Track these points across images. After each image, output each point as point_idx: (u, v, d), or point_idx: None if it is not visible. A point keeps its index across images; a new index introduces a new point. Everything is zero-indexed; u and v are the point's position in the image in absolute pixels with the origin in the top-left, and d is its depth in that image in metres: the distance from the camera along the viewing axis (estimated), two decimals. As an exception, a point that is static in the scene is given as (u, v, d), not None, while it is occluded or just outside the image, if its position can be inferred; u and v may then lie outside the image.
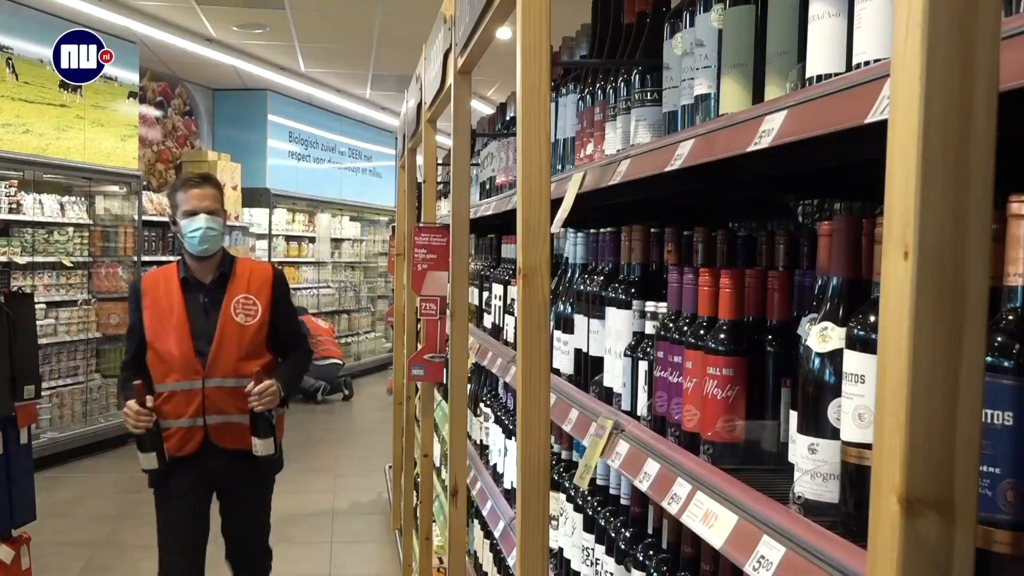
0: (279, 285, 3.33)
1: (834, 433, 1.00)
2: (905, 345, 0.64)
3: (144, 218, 8.33)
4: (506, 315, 2.86)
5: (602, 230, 1.89)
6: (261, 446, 3.16)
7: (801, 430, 1.05)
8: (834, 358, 1.01)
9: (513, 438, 2.43)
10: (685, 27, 1.49)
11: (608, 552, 1.79)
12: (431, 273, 3.29)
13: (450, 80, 2.63)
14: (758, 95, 1.26)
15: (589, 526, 1.91)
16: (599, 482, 1.89)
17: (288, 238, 11.92)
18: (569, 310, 2.02)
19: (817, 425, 1.03)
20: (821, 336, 1.03)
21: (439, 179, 4.76)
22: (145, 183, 8.68)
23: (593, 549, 1.88)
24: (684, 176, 1.47)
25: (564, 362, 2.05)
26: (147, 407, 3.04)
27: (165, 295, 3.19)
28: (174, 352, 3.14)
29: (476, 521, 3.28)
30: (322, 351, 10.31)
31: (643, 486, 1.41)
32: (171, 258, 9.46)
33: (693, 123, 1.45)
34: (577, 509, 1.98)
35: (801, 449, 1.05)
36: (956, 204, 0.64)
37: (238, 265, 3.29)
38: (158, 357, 3.17)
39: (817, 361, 1.03)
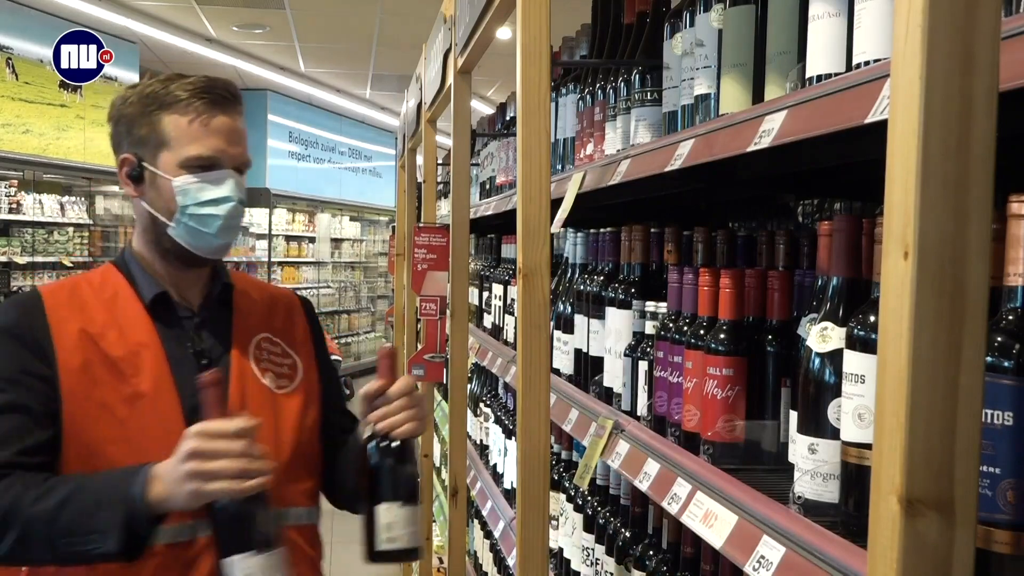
0: (316, 322, 1.70)
1: (834, 433, 1.00)
2: (905, 345, 0.64)
3: (144, 218, 8.32)
4: (506, 315, 2.85)
5: (602, 230, 1.89)
6: (401, 522, 1.36)
7: (801, 430, 1.05)
8: (834, 358, 1.01)
9: (513, 438, 2.43)
10: (685, 27, 1.49)
11: (608, 552, 1.79)
12: (431, 273, 3.29)
13: (450, 80, 2.63)
14: (758, 95, 1.26)
15: (589, 526, 1.91)
16: (599, 482, 1.89)
17: (288, 238, 11.92)
18: (569, 310, 2.02)
19: (817, 425, 1.03)
20: (821, 336, 1.03)
21: (439, 179, 4.75)
22: (145, 183, 8.68)
23: (593, 549, 1.88)
24: (684, 176, 1.47)
25: (564, 362, 2.05)
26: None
27: (117, 338, 1.42)
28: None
29: (476, 521, 3.28)
30: None
31: (643, 486, 1.41)
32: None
33: (693, 123, 1.45)
34: (577, 509, 1.98)
35: (801, 449, 1.05)
36: (956, 204, 0.64)
37: (236, 278, 1.62)
38: None
39: (817, 361, 1.03)
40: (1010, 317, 0.80)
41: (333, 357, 10.34)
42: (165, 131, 1.45)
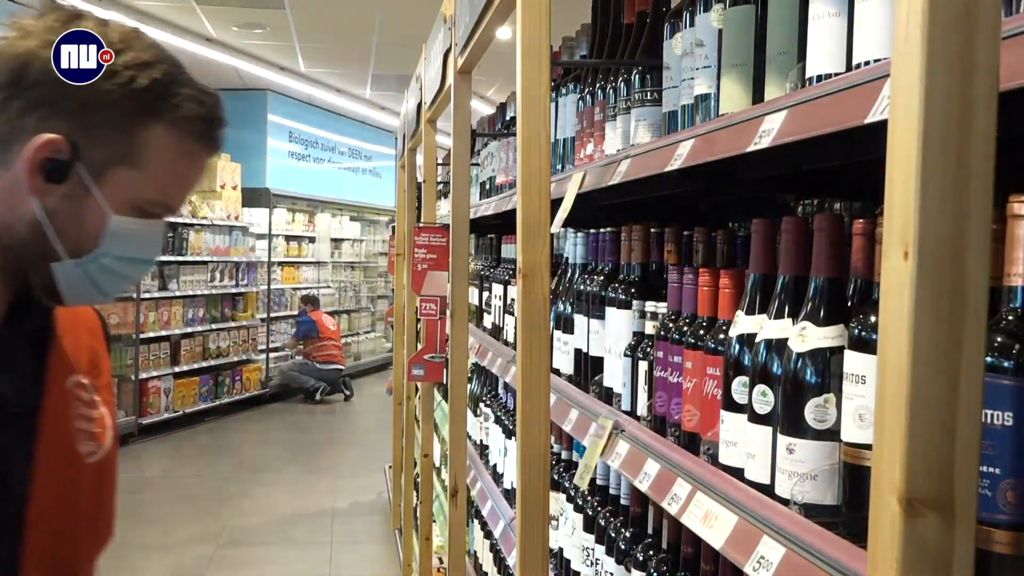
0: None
1: (814, 434, 1.01)
2: (905, 345, 0.64)
3: (144, 218, 8.31)
4: (506, 315, 2.85)
5: (602, 230, 1.89)
6: None
7: (783, 431, 1.05)
8: (813, 358, 1.01)
9: (513, 438, 2.43)
10: (685, 27, 1.49)
11: (608, 552, 1.79)
12: (431, 273, 3.29)
13: (450, 80, 2.63)
14: (758, 95, 1.26)
15: (589, 526, 1.91)
16: (599, 482, 1.89)
17: (288, 238, 11.91)
18: (569, 310, 2.01)
19: (796, 425, 1.03)
20: (800, 336, 1.03)
21: (439, 179, 4.75)
22: (145, 183, 8.67)
23: (593, 549, 1.88)
24: (684, 176, 1.47)
25: (564, 362, 2.05)
26: None
27: None
28: None
29: (476, 521, 3.28)
30: (325, 355, 10.39)
31: (643, 486, 1.41)
32: (174, 259, 9.07)
33: (693, 123, 1.44)
34: (577, 509, 1.98)
35: (780, 450, 1.05)
36: (956, 204, 0.64)
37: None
38: None
39: (796, 361, 1.03)
40: (1010, 317, 0.80)
41: (335, 366, 10.49)
42: (146, 147, 0.99)
